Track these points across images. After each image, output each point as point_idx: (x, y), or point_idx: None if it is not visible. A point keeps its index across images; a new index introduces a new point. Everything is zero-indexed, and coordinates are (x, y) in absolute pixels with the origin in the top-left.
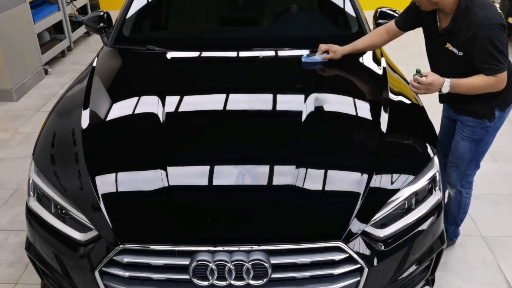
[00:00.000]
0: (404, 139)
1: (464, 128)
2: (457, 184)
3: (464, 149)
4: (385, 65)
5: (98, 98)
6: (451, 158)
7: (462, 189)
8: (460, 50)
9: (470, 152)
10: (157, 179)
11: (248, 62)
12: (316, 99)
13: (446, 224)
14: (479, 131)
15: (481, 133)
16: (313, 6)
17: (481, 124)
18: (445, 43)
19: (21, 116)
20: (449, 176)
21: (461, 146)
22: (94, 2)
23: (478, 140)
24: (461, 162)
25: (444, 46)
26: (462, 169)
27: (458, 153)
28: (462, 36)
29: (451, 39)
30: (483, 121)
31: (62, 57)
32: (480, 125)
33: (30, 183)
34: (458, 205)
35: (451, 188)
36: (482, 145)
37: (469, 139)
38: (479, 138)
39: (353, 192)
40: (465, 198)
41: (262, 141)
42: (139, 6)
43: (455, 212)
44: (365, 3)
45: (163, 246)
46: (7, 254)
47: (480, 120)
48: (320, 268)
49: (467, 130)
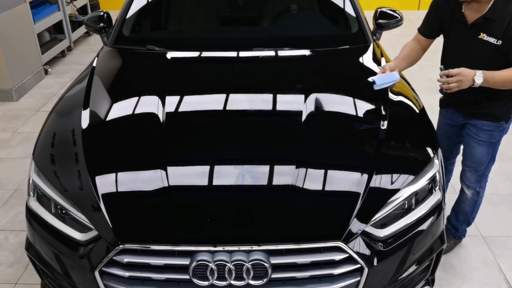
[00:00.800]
0: (404, 139)
1: (479, 132)
2: (476, 186)
3: (482, 153)
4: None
5: (98, 98)
6: (468, 163)
7: (480, 189)
8: (500, 39)
9: (488, 155)
10: (157, 179)
11: (248, 62)
12: (316, 99)
13: (457, 223)
14: (496, 134)
15: (498, 135)
16: (313, 6)
17: (499, 127)
18: (479, 34)
19: (21, 116)
20: (467, 179)
21: (479, 151)
22: (94, 2)
23: (495, 142)
24: (480, 165)
25: (477, 37)
26: (481, 172)
27: (475, 158)
28: (504, 23)
29: (487, 28)
30: (500, 124)
31: (62, 57)
32: (497, 128)
33: (30, 183)
34: (474, 205)
35: (469, 190)
36: (498, 144)
37: (487, 143)
38: (496, 140)
39: (353, 192)
40: (481, 198)
41: (262, 141)
42: (139, 6)
43: (469, 211)
44: (365, 3)
45: (163, 246)
46: (7, 254)
47: (498, 123)
48: (320, 268)
49: (484, 135)
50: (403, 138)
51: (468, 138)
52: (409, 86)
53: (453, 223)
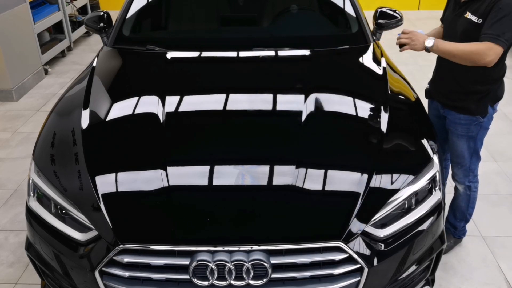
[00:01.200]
0: (404, 139)
1: (457, 126)
2: (464, 180)
3: (463, 147)
4: (385, 65)
5: (98, 98)
6: (453, 158)
7: (470, 183)
8: (480, 17)
9: (469, 148)
10: (157, 179)
11: (248, 62)
12: (316, 99)
13: (455, 221)
14: (473, 128)
15: (476, 129)
16: (313, 6)
17: (475, 121)
18: (465, 12)
19: (21, 116)
20: (455, 174)
21: (459, 145)
22: (94, 2)
23: (474, 136)
24: (463, 160)
25: (463, 16)
26: (466, 166)
27: (457, 152)
28: (486, 3)
29: (473, 6)
30: (476, 118)
31: (62, 57)
32: (474, 122)
33: (30, 183)
34: (468, 200)
35: (459, 185)
36: (478, 139)
37: (465, 136)
38: (475, 134)
39: (353, 192)
40: (473, 193)
41: (262, 141)
42: (139, 6)
43: (464, 208)
44: (365, 3)
45: (163, 246)
46: (7, 254)
47: (474, 117)
48: (320, 268)
49: (461, 128)
50: (403, 138)
51: (450, 133)
52: (409, 86)
53: (451, 221)
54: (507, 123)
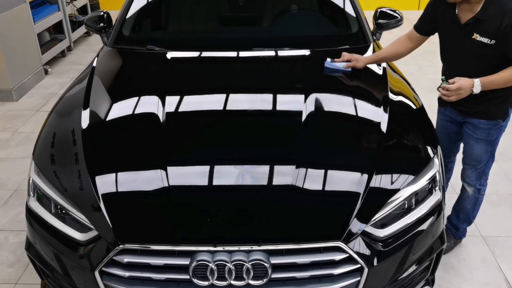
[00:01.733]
0: (404, 139)
1: (477, 131)
2: (476, 183)
3: (481, 151)
4: (385, 65)
5: (98, 98)
6: (467, 161)
7: (481, 186)
8: (493, 39)
9: (487, 152)
10: (157, 179)
11: (248, 62)
12: (316, 99)
13: (458, 223)
14: (494, 132)
15: (496, 133)
16: (313, 6)
17: (496, 125)
18: (472, 34)
19: (21, 116)
20: (467, 177)
21: (477, 149)
22: (94, 2)
23: (493, 140)
24: (479, 163)
25: (471, 38)
26: (480, 169)
27: (474, 156)
28: (496, 23)
29: (480, 28)
30: (497, 122)
31: (62, 57)
32: (495, 126)
33: (30, 183)
34: (475, 203)
35: (469, 187)
36: (496, 142)
37: (485, 141)
38: (494, 138)
39: (353, 192)
40: (481, 196)
41: (262, 141)
42: (139, 6)
43: (470, 210)
44: (365, 3)
45: (163, 246)
46: (7, 254)
47: (495, 121)
48: (320, 268)
49: (481, 133)
50: (403, 138)
51: (466, 136)
52: (409, 86)
53: (454, 222)
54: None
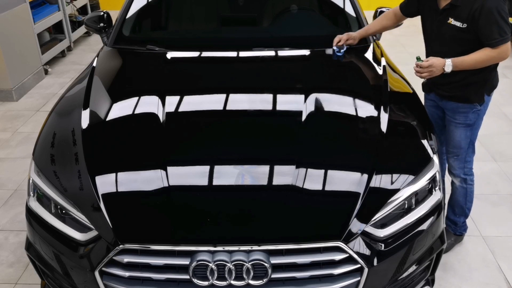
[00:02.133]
0: (404, 139)
1: (455, 115)
2: (460, 172)
3: (460, 135)
4: (385, 65)
5: (98, 98)
6: (449, 149)
7: (466, 176)
8: (464, 22)
9: (466, 138)
10: (157, 179)
11: (248, 62)
12: (316, 99)
13: (455, 218)
14: (471, 116)
15: (474, 117)
16: (313, 6)
17: (473, 108)
18: (448, 19)
19: (21, 116)
20: (451, 167)
21: (457, 134)
22: (94, 2)
23: (472, 124)
24: (460, 149)
25: (446, 22)
26: (462, 157)
27: (455, 142)
28: (468, 8)
29: (454, 13)
30: (474, 105)
31: (62, 57)
32: (471, 109)
33: (30, 183)
34: (465, 194)
35: (455, 178)
36: (475, 128)
37: (463, 124)
38: (472, 123)
39: (353, 192)
40: (470, 186)
41: (262, 141)
42: (139, 6)
43: (463, 202)
44: (365, 3)
45: (163, 246)
46: (7, 254)
47: (472, 105)
48: (320, 268)
49: (460, 117)
50: (403, 138)
51: (447, 123)
52: (409, 86)
53: (451, 217)
54: (507, 123)
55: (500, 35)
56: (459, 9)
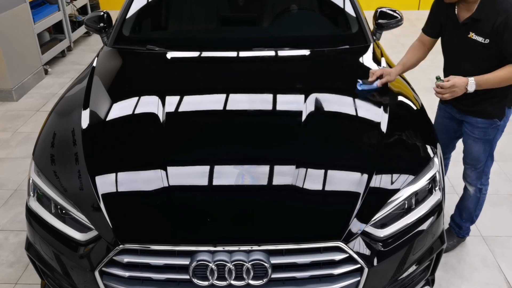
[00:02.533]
0: (404, 139)
1: (474, 130)
2: (477, 183)
3: (479, 150)
4: (385, 65)
5: (98, 98)
6: (467, 160)
7: (482, 186)
8: (487, 38)
9: (485, 152)
10: (157, 179)
11: (248, 62)
12: (316, 99)
13: (461, 222)
14: (490, 131)
15: (493, 133)
16: (313, 6)
17: (492, 124)
18: (468, 33)
19: (21, 116)
20: (468, 176)
21: (475, 148)
22: (94, 2)
23: (491, 139)
24: (478, 163)
25: (467, 36)
26: (480, 169)
27: (473, 155)
28: (490, 23)
29: (476, 27)
30: (494, 121)
31: (62, 57)
32: (491, 125)
33: (30, 183)
34: (477, 202)
35: (471, 187)
36: (494, 142)
37: (482, 140)
38: (491, 137)
39: (353, 192)
40: (483, 195)
41: (262, 141)
42: (139, 6)
43: (472, 209)
44: (365, 3)
45: (163, 246)
46: (7, 254)
47: (491, 121)
48: (320, 268)
49: (478, 132)
50: (403, 138)
51: (465, 136)
52: (409, 86)
53: (457, 221)
54: (507, 123)
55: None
56: (481, 23)
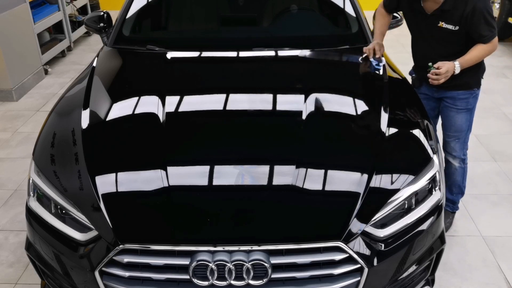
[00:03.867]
0: (404, 139)
1: (456, 102)
2: (460, 154)
3: (462, 120)
4: (385, 65)
5: (98, 98)
6: (450, 133)
7: (464, 156)
8: (457, 25)
9: (467, 121)
10: (157, 179)
11: (248, 62)
12: (316, 99)
13: (452, 196)
14: (472, 100)
15: (473, 101)
16: (313, 6)
17: (473, 93)
18: (438, 22)
19: (21, 116)
20: (452, 149)
21: (459, 119)
22: (94, 2)
23: (471, 108)
24: (461, 133)
25: (437, 25)
26: (462, 139)
27: (457, 126)
28: (459, 12)
29: (445, 16)
30: (473, 91)
31: (62, 57)
32: (471, 95)
33: (30, 183)
34: (463, 173)
35: (455, 160)
36: (473, 111)
37: (465, 109)
38: (472, 106)
39: (353, 192)
40: (466, 165)
41: (262, 141)
42: (139, 6)
43: (460, 181)
44: (365, 3)
45: (163, 246)
46: (7, 254)
47: (472, 91)
48: (320, 268)
49: (461, 103)
50: (403, 138)
51: (447, 110)
52: (409, 85)
53: (449, 197)
54: (507, 123)
55: (490, 31)
56: (449, 13)
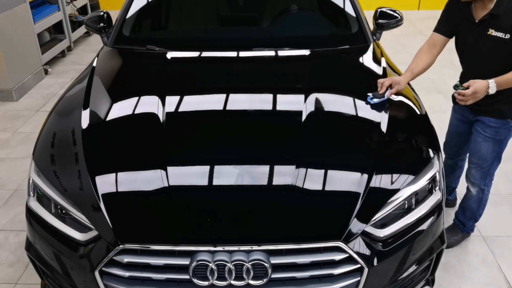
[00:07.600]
0: (404, 139)
1: (486, 129)
2: (480, 183)
3: (487, 149)
4: (385, 65)
5: (98, 98)
6: (473, 159)
7: (485, 187)
8: (507, 33)
9: (493, 152)
10: (157, 179)
11: (248, 62)
12: (316, 99)
13: (464, 219)
14: (502, 132)
15: (505, 133)
16: (313, 6)
17: (505, 124)
18: (487, 30)
19: (21, 116)
20: (472, 176)
21: (484, 147)
22: (94, 2)
23: (502, 140)
24: (485, 162)
25: (486, 33)
26: (485, 169)
27: (480, 154)
28: (510, 18)
29: (495, 23)
30: (506, 121)
31: (62, 57)
32: (504, 125)
33: (30, 183)
34: (479, 202)
35: (473, 187)
36: (504, 143)
37: (492, 139)
38: (503, 138)
39: (353, 192)
40: (486, 195)
41: (262, 141)
42: (139, 6)
43: (475, 208)
44: (365, 3)
45: (163, 246)
46: (7, 254)
47: (504, 121)
48: (320, 268)
49: (490, 131)
50: (403, 138)
51: (475, 134)
52: (409, 86)
53: (461, 219)
54: None
55: None
56: (500, 18)
